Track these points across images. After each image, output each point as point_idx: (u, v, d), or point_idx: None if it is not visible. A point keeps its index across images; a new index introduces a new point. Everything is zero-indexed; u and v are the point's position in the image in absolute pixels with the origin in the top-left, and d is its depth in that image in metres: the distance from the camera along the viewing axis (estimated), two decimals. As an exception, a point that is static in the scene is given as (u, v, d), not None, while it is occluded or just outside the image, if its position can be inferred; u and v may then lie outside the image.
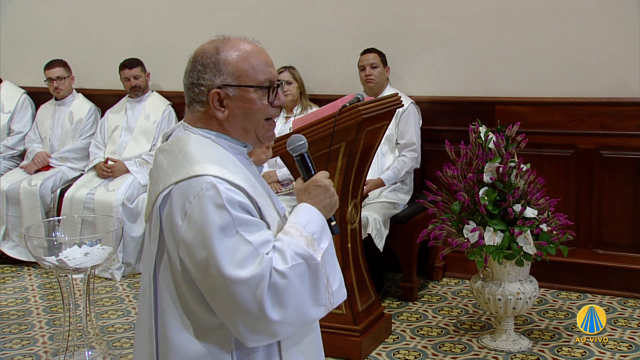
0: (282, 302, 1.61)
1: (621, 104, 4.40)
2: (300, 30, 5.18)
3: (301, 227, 1.70)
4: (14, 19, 6.20)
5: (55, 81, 5.60)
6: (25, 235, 3.12)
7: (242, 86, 1.73)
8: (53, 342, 3.95)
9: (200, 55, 1.77)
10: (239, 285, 1.57)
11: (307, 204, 1.77)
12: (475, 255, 3.61)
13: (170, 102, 5.52)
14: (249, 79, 1.73)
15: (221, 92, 1.72)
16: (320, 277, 1.68)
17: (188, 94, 1.77)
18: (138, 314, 1.91)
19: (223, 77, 1.72)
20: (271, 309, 1.60)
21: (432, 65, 4.86)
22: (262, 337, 1.66)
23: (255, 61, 1.74)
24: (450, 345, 3.80)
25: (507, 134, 3.74)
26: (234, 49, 1.74)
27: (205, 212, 1.59)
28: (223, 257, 1.58)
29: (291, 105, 4.87)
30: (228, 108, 1.73)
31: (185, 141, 1.73)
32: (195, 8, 5.55)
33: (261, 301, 1.58)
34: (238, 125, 1.76)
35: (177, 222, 1.63)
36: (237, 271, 1.57)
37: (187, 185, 1.63)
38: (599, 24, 4.42)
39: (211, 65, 1.73)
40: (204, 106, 1.75)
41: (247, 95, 1.73)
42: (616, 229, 4.49)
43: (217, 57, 1.73)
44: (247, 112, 1.75)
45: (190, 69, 1.77)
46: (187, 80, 1.77)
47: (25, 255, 5.14)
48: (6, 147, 5.81)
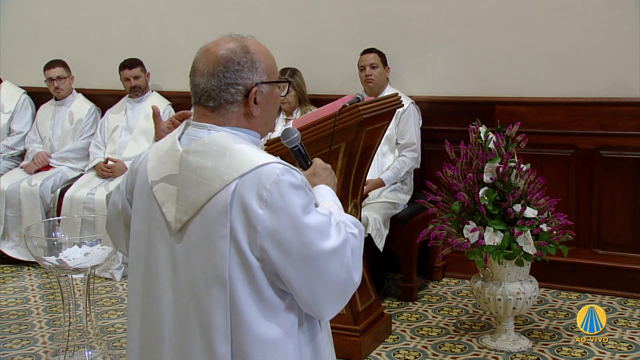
0: (358, 264, 1.71)
1: (621, 104, 4.41)
2: (300, 30, 5.18)
3: (332, 203, 1.83)
4: (14, 19, 6.20)
5: (55, 81, 5.60)
6: (25, 235, 3.12)
7: (273, 82, 1.79)
8: (53, 342, 3.95)
9: (232, 55, 1.74)
10: (332, 256, 1.64)
11: (323, 186, 1.89)
12: (475, 255, 3.61)
13: (170, 102, 5.52)
14: (275, 75, 1.81)
15: (258, 90, 1.76)
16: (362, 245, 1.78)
17: (220, 95, 1.73)
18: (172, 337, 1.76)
19: (260, 75, 1.76)
20: (356, 272, 1.69)
21: (432, 65, 4.86)
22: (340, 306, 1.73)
23: (273, 58, 1.82)
24: (450, 345, 3.80)
25: (507, 134, 3.74)
26: (256, 48, 1.78)
27: (286, 196, 1.63)
28: (313, 234, 1.63)
29: (290, 109, 4.88)
30: (260, 105, 1.78)
31: (224, 139, 1.72)
32: (195, 8, 5.55)
33: (349, 266, 1.67)
34: (262, 120, 1.81)
35: (256, 211, 1.62)
36: (327, 243, 1.64)
37: (256, 175, 1.64)
38: (599, 24, 4.42)
39: (248, 64, 1.74)
40: (238, 106, 1.75)
41: (275, 91, 1.81)
42: (616, 229, 4.49)
43: (250, 56, 1.75)
44: (272, 107, 1.83)
45: (222, 70, 1.73)
46: (218, 82, 1.73)
47: (25, 255, 5.14)
48: (6, 147, 5.81)
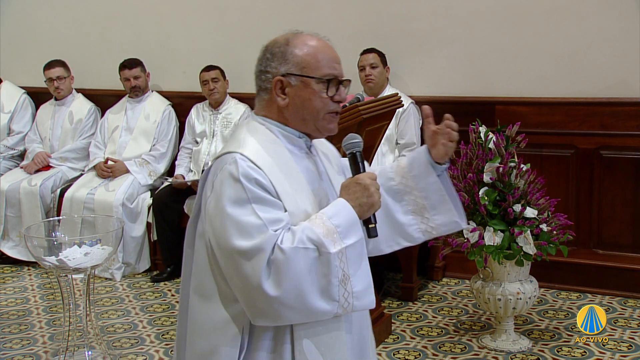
0: (279, 280, 1.65)
1: (621, 104, 4.41)
2: (301, 30, 5.17)
3: (326, 217, 1.74)
4: (14, 19, 6.20)
5: (55, 81, 5.60)
6: (25, 235, 3.12)
7: (304, 76, 1.81)
8: (53, 342, 3.95)
9: (272, 45, 1.87)
10: (241, 255, 1.67)
11: (342, 199, 1.79)
12: (475, 255, 3.60)
13: (170, 102, 5.52)
14: (312, 70, 1.81)
15: (284, 80, 1.81)
16: (332, 269, 1.69)
17: (256, 82, 1.87)
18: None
19: (288, 66, 1.81)
20: (268, 283, 1.66)
21: (432, 65, 4.86)
22: (266, 316, 1.70)
23: (321, 55, 1.83)
24: (450, 345, 3.80)
25: (507, 134, 3.74)
26: (303, 42, 1.84)
27: (223, 184, 1.72)
28: (231, 228, 1.68)
29: None
30: (289, 96, 1.82)
31: (241, 126, 1.89)
32: (195, 8, 5.55)
33: (259, 274, 1.65)
34: (297, 114, 1.84)
35: (207, 193, 1.77)
36: (240, 242, 1.67)
37: (219, 160, 1.78)
38: (599, 24, 4.42)
39: (279, 55, 1.83)
40: (268, 93, 1.84)
41: (309, 86, 1.82)
42: (616, 229, 4.49)
43: (286, 48, 1.83)
44: (306, 102, 1.82)
45: (260, 57, 1.87)
46: (256, 68, 1.87)
47: (25, 255, 5.14)
48: (6, 147, 5.81)
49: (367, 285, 1.76)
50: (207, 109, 5.29)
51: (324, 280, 1.69)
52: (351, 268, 1.72)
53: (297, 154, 1.86)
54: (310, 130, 1.87)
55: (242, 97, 5.31)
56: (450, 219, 2.05)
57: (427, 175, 2.02)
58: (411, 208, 2.04)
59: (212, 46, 5.49)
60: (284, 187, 1.75)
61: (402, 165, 2.07)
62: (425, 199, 2.03)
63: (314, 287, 1.69)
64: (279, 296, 1.66)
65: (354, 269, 1.73)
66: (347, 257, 1.72)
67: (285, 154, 1.82)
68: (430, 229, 2.05)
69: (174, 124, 5.51)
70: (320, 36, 1.88)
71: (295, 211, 1.75)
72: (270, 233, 1.67)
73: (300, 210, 1.77)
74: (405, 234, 2.06)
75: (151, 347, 3.88)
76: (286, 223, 1.72)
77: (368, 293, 1.77)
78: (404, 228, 2.05)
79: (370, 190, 1.79)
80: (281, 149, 1.82)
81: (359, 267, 1.75)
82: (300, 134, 1.87)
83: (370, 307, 1.80)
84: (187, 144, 5.34)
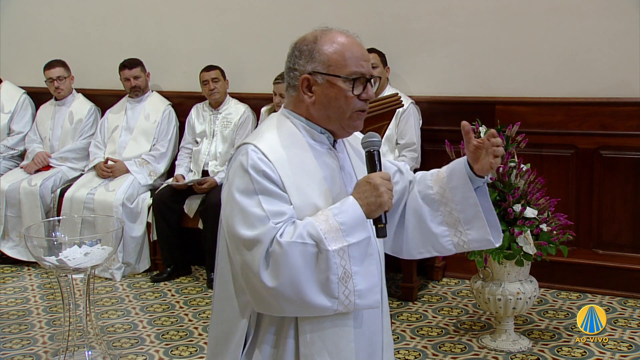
0: (276, 272, 1.69)
1: (621, 104, 4.40)
2: (301, 30, 5.12)
3: (332, 214, 1.74)
4: (14, 19, 6.20)
5: (55, 81, 5.60)
6: (25, 235, 3.12)
7: (330, 75, 1.82)
8: (53, 342, 3.95)
9: (300, 42, 1.88)
10: (243, 243, 1.72)
11: (351, 197, 1.79)
12: (475, 255, 3.61)
13: (170, 102, 5.52)
14: (338, 69, 1.82)
15: (310, 78, 1.83)
16: (330, 266, 1.70)
17: (286, 78, 1.90)
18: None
19: (314, 65, 1.83)
20: (266, 274, 1.69)
21: (432, 65, 4.86)
22: (267, 304, 1.74)
23: (348, 53, 1.83)
24: (450, 345, 3.80)
25: (507, 134, 3.74)
26: (330, 40, 1.84)
27: (234, 174, 1.78)
28: (238, 216, 1.74)
29: None
30: (315, 94, 1.84)
31: (269, 118, 1.93)
32: (195, 8, 5.55)
33: (258, 264, 1.69)
34: (324, 112, 1.85)
35: (224, 182, 1.86)
36: (244, 230, 1.72)
37: (237, 150, 1.84)
38: (599, 24, 4.42)
39: (306, 53, 1.85)
40: (295, 90, 1.87)
41: (335, 84, 1.82)
42: (616, 229, 4.49)
43: (313, 46, 1.84)
44: (332, 100, 1.83)
45: (289, 54, 1.89)
46: (286, 65, 1.89)
47: (25, 255, 5.14)
48: (6, 148, 5.81)
49: (371, 285, 1.76)
50: (207, 109, 5.29)
51: (322, 276, 1.71)
52: (354, 266, 1.73)
53: (318, 150, 1.87)
54: (336, 128, 1.88)
55: (242, 97, 5.31)
56: (483, 237, 2.01)
57: (465, 188, 1.99)
58: (446, 219, 2.02)
59: (212, 46, 5.49)
60: (294, 181, 1.77)
61: (442, 175, 2.03)
62: (461, 212, 2.00)
63: (312, 282, 1.70)
64: (276, 287, 1.69)
65: (358, 267, 1.73)
66: (349, 255, 1.72)
67: (304, 149, 1.84)
68: (462, 243, 2.02)
69: (174, 123, 5.51)
70: (349, 33, 1.88)
71: (302, 206, 1.77)
72: (271, 225, 1.70)
73: (309, 205, 1.78)
74: (436, 244, 2.04)
75: (151, 347, 3.88)
76: (289, 216, 1.74)
77: (372, 293, 1.76)
78: (437, 238, 2.03)
79: (379, 190, 1.77)
80: (301, 144, 1.84)
81: (364, 265, 1.74)
82: (323, 130, 1.88)
83: (374, 307, 1.80)
84: (187, 144, 5.34)
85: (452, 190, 2.00)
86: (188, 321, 4.24)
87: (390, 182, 1.80)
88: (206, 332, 4.08)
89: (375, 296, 1.77)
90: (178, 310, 4.44)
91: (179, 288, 4.85)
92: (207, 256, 4.93)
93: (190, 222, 5.09)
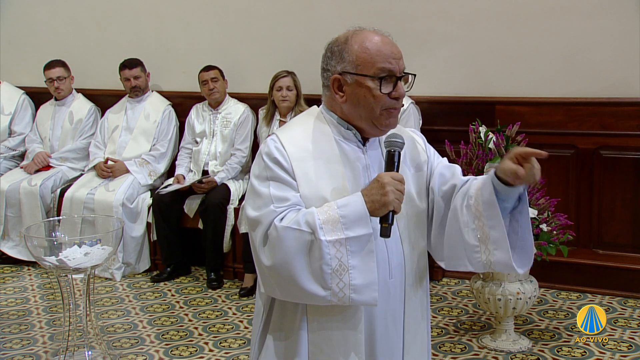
0: (272, 252, 1.76)
1: (621, 104, 4.40)
2: (301, 30, 5.18)
3: (336, 206, 1.77)
4: (14, 19, 6.20)
5: (55, 81, 5.60)
6: (25, 235, 3.12)
7: (358, 74, 1.84)
8: (53, 342, 3.95)
9: (333, 43, 1.91)
10: (249, 222, 1.84)
11: (359, 192, 1.80)
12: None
13: (170, 102, 5.52)
14: (366, 68, 1.84)
15: (341, 79, 1.87)
16: (324, 256, 1.72)
17: (321, 78, 1.94)
18: None
19: (344, 65, 1.86)
20: (263, 253, 1.79)
21: (432, 65, 4.86)
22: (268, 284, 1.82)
23: (376, 52, 1.84)
24: (450, 345, 3.80)
25: (507, 134, 3.74)
26: (360, 40, 1.86)
27: (256, 159, 1.90)
28: (248, 197, 1.87)
29: (285, 112, 4.89)
30: (346, 94, 1.87)
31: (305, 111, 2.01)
32: (195, 8, 5.55)
33: (258, 242, 1.80)
34: (355, 111, 1.88)
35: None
36: (250, 210, 1.83)
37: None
38: (599, 24, 4.42)
39: (337, 53, 1.88)
40: (329, 90, 1.91)
41: (364, 84, 1.84)
42: (616, 229, 4.49)
43: (344, 46, 1.87)
44: (362, 99, 1.85)
45: (323, 55, 1.93)
46: (321, 65, 1.94)
47: (25, 255, 5.14)
48: (7, 148, 5.81)
49: (369, 282, 1.76)
50: (207, 109, 5.29)
51: (315, 265, 1.73)
52: (352, 260, 1.74)
53: (344, 146, 1.89)
54: (368, 127, 1.89)
55: (242, 97, 5.31)
56: (506, 261, 1.85)
57: (492, 204, 1.83)
58: (479, 235, 1.88)
59: (212, 46, 5.49)
60: (307, 172, 1.83)
61: (479, 185, 1.88)
62: (491, 228, 1.85)
63: (305, 268, 1.74)
64: (271, 266, 1.76)
65: (356, 262, 1.74)
66: (347, 249, 1.74)
67: (330, 144, 1.88)
68: (489, 263, 1.88)
69: (174, 123, 5.50)
70: (381, 32, 1.89)
71: (311, 196, 1.81)
72: (271, 209, 1.78)
73: (318, 197, 1.81)
74: (471, 258, 1.91)
75: (151, 347, 3.88)
76: (292, 203, 1.79)
77: (369, 290, 1.76)
78: (470, 253, 1.90)
79: (385, 189, 1.76)
80: (327, 139, 1.89)
81: (363, 261, 1.75)
82: (350, 126, 1.90)
83: (371, 304, 1.80)
84: (187, 144, 5.34)
85: (484, 204, 1.85)
86: (188, 321, 4.24)
87: (402, 183, 1.79)
88: (206, 332, 4.08)
89: (373, 293, 1.77)
90: (178, 310, 4.44)
91: (179, 288, 4.85)
92: (207, 256, 4.93)
93: (190, 222, 5.09)
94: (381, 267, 1.84)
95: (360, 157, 1.91)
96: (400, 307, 1.92)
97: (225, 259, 4.98)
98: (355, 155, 1.90)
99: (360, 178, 1.88)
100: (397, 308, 1.92)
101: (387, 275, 1.87)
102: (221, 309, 4.44)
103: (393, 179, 1.78)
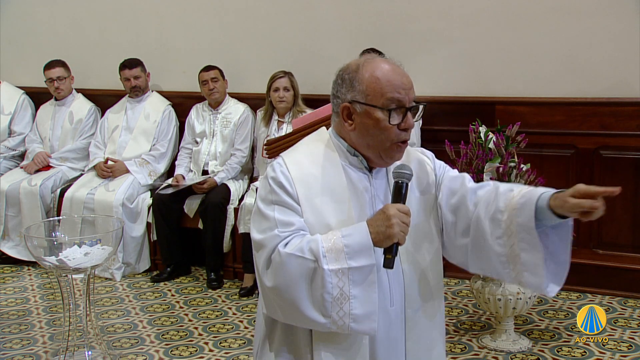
0: (274, 276, 1.77)
1: (621, 104, 4.40)
2: (300, 30, 5.18)
3: (340, 235, 1.77)
4: (14, 19, 6.20)
5: (55, 81, 5.60)
6: (25, 235, 3.12)
7: (367, 104, 1.83)
8: (53, 342, 3.95)
9: (344, 70, 1.90)
10: (254, 243, 1.85)
11: (364, 222, 1.79)
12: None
13: (170, 102, 5.52)
14: (375, 99, 1.83)
15: (350, 107, 1.86)
16: (325, 284, 1.73)
17: (331, 103, 1.95)
18: None
19: (354, 94, 1.85)
20: (265, 275, 1.79)
21: (432, 65, 4.86)
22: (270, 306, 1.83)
23: (385, 83, 1.83)
24: (450, 345, 3.80)
25: (507, 134, 3.74)
26: (371, 69, 1.85)
27: (262, 181, 1.93)
28: (254, 219, 1.88)
29: (283, 112, 4.89)
30: (355, 123, 1.87)
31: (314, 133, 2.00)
32: (195, 8, 5.55)
33: (261, 264, 1.81)
34: (363, 140, 1.88)
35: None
36: (255, 233, 1.85)
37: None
38: (599, 24, 4.42)
39: (347, 82, 1.87)
40: (338, 117, 1.91)
41: (373, 115, 1.83)
42: (616, 229, 4.49)
43: (355, 75, 1.86)
44: (371, 129, 1.85)
45: (334, 81, 1.92)
46: (331, 91, 1.93)
47: (25, 255, 5.14)
48: (7, 148, 5.81)
49: (369, 312, 1.76)
50: (207, 109, 5.29)
51: (317, 292, 1.74)
52: (353, 290, 1.74)
53: (351, 172, 1.89)
54: (375, 157, 1.89)
55: (242, 97, 5.31)
56: (538, 285, 1.82)
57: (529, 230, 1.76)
58: (507, 251, 1.82)
59: (212, 46, 5.49)
60: (311, 198, 1.83)
61: (514, 203, 1.80)
62: (523, 251, 1.78)
63: (306, 295, 1.75)
64: (273, 288, 1.78)
65: (357, 292, 1.75)
66: (349, 278, 1.74)
67: (336, 169, 1.88)
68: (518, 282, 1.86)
69: (174, 123, 5.51)
70: (392, 61, 1.88)
71: (315, 223, 1.81)
72: (275, 233, 1.79)
73: (322, 224, 1.81)
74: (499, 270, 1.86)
75: (151, 347, 3.88)
76: (297, 227, 1.79)
77: (369, 320, 1.76)
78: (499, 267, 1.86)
79: (391, 221, 1.75)
80: (333, 164, 1.88)
81: (364, 291, 1.75)
82: (356, 152, 1.90)
83: (369, 334, 1.81)
84: (187, 144, 5.34)
85: (519, 226, 1.77)
86: (188, 321, 4.24)
87: (407, 216, 1.78)
88: (206, 332, 4.08)
89: (372, 324, 1.77)
90: (178, 310, 4.44)
91: (179, 288, 4.85)
92: (207, 256, 4.93)
93: (190, 222, 5.09)
94: (381, 295, 1.83)
95: (367, 185, 1.91)
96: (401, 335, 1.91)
97: (225, 259, 4.98)
98: (362, 184, 1.90)
99: (366, 207, 1.88)
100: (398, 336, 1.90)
101: (388, 303, 1.87)
102: (221, 309, 4.44)
103: (399, 211, 1.77)
